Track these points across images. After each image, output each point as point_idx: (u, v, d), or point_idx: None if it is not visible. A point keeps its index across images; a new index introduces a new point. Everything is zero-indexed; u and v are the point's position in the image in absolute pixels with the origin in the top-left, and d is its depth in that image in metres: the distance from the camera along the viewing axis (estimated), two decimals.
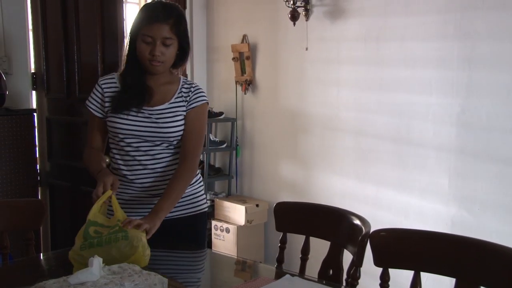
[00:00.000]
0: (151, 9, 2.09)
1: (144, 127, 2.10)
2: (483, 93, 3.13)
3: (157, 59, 2.05)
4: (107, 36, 3.25)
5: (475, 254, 1.56)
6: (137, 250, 1.74)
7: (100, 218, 1.81)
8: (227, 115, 4.67)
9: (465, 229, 3.09)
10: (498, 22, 3.08)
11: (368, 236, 1.73)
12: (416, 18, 3.37)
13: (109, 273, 1.41)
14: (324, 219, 1.97)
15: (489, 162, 3.11)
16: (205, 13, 4.84)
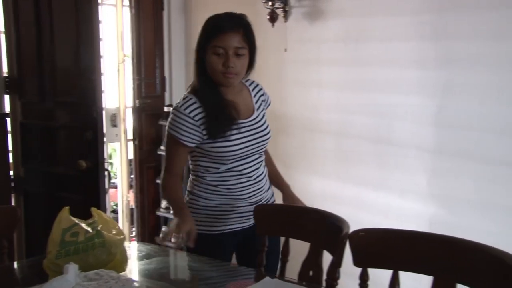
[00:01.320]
0: (219, 20, 2.08)
1: (251, 141, 2.16)
2: (460, 93, 3.17)
3: (231, 71, 2.03)
4: (82, 38, 3.22)
5: (452, 252, 1.59)
6: (115, 257, 1.74)
7: (72, 220, 1.78)
8: None
9: (444, 228, 3.10)
10: (474, 23, 3.12)
11: (347, 236, 1.74)
12: (394, 19, 3.40)
13: (85, 280, 1.40)
14: (304, 221, 1.99)
15: (466, 161, 3.15)
16: (183, 15, 4.82)
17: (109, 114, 4.59)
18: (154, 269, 1.91)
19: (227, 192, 2.18)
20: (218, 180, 2.18)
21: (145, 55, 4.61)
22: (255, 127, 2.18)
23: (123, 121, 4.68)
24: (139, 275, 1.85)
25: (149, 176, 4.77)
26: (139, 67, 4.58)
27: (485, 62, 3.10)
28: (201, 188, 2.24)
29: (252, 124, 2.18)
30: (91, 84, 3.17)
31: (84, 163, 3.20)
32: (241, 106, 2.18)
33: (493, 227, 3.04)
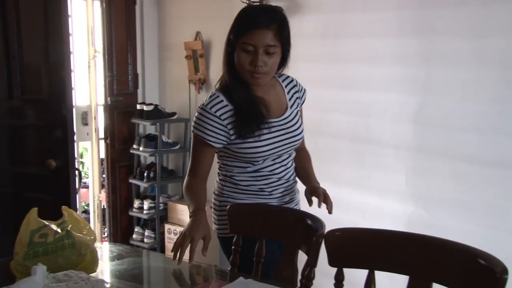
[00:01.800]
0: (251, 14, 1.95)
1: (281, 141, 2.08)
2: (440, 90, 3.21)
3: (259, 70, 1.92)
4: (51, 34, 3.18)
5: (429, 251, 1.61)
6: (86, 258, 1.74)
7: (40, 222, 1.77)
8: (180, 115, 4.66)
9: (422, 227, 3.17)
10: (455, 19, 3.16)
11: (323, 236, 1.75)
12: (374, 14, 3.42)
13: (53, 281, 1.39)
14: (279, 220, 1.99)
15: (445, 160, 3.19)
16: (156, 9, 4.81)
17: (80, 112, 4.55)
18: (126, 270, 1.90)
19: (259, 192, 2.13)
20: (248, 180, 2.13)
21: (117, 51, 4.58)
22: (286, 126, 2.10)
23: (95, 119, 4.65)
24: (110, 276, 1.84)
25: (122, 176, 4.75)
26: (110, 64, 4.55)
27: (465, 59, 3.14)
28: (230, 188, 2.19)
29: (283, 124, 2.10)
30: (61, 81, 3.13)
31: (53, 162, 3.16)
32: (273, 103, 2.09)
33: (470, 226, 3.09)
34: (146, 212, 4.62)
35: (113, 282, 1.77)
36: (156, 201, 4.59)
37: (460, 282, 1.52)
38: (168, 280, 1.98)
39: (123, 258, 2.03)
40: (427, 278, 1.58)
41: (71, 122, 3.19)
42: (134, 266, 1.96)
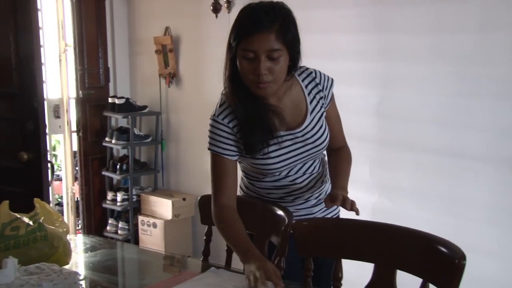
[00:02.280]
0: (248, 15, 1.66)
1: (298, 155, 1.83)
2: (400, 84, 3.25)
3: (263, 79, 1.63)
4: (20, 27, 3.11)
5: (392, 239, 1.63)
6: (58, 250, 1.71)
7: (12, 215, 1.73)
8: (151, 108, 4.63)
9: (386, 216, 3.19)
10: (412, 16, 3.20)
11: (291, 226, 1.76)
12: (336, 11, 3.44)
13: (25, 274, 1.37)
14: (248, 211, 1.98)
15: (405, 151, 3.24)
16: (126, 4, 4.75)
17: (52, 105, 4.49)
18: (99, 262, 1.88)
19: (280, 201, 1.93)
20: (268, 188, 1.92)
21: (88, 45, 4.52)
22: (304, 138, 1.81)
23: (67, 112, 4.59)
24: (83, 268, 1.82)
25: (95, 168, 4.70)
26: (81, 57, 4.49)
27: (422, 54, 3.18)
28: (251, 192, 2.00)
29: (301, 136, 1.81)
30: (31, 74, 3.08)
31: (25, 155, 3.11)
32: (288, 111, 1.80)
33: (430, 214, 3.14)
34: (119, 204, 4.58)
35: (87, 274, 1.75)
36: (129, 193, 4.55)
37: (422, 269, 1.54)
38: (141, 271, 1.96)
39: (97, 250, 2.01)
40: (391, 265, 1.59)
41: (43, 115, 3.14)
42: (108, 258, 1.93)
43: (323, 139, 1.84)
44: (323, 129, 1.85)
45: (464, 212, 3.14)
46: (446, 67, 3.11)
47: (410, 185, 3.21)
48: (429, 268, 1.52)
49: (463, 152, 3.11)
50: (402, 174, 3.23)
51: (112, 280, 1.73)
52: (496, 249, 3.06)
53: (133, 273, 1.95)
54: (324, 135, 1.85)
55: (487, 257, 3.06)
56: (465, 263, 1.43)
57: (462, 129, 3.10)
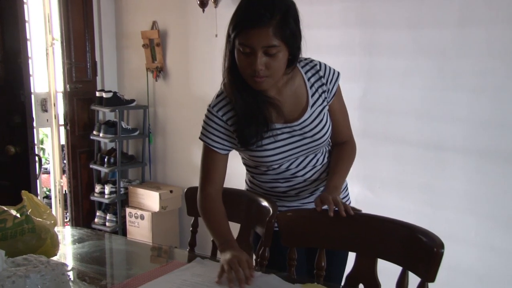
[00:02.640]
0: (248, 8, 1.56)
1: (296, 148, 1.77)
2: (382, 78, 3.27)
3: (260, 74, 1.57)
4: (6, 20, 3.07)
5: (374, 229, 1.64)
6: (46, 242, 1.70)
7: None
8: (139, 102, 4.61)
9: (368, 207, 3.23)
10: (394, 12, 3.21)
11: (275, 217, 1.76)
12: (321, 7, 3.45)
13: (12, 265, 1.36)
14: (234, 203, 1.99)
15: (387, 143, 3.26)
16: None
17: (39, 98, 4.45)
18: (87, 253, 1.87)
19: (284, 195, 1.89)
20: (271, 182, 1.87)
21: (75, 39, 4.48)
22: (302, 131, 1.75)
23: (54, 106, 4.55)
24: (71, 259, 1.82)
25: (82, 161, 4.68)
26: (69, 51, 4.46)
27: (404, 49, 3.20)
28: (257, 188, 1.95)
29: (299, 129, 1.74)
30: (18, 67, 3.04)
31: (12, 148, 3.09)
32: (288, 104, 1.73)
33: (410, 204, 3.17)
34: (107, 196, 4.56)
35: (74, 265, 1.75)
36: (117, 185, 4.54)
37: (402, 257, 1.56)
38: (129, 262, 1.96)
39: (84, 241, 2.00)
40: (373, 254, 1.61)
41: (30, 108, 3.11)
42: (95, 249, 1.93)
43: (322, 133, 1.76)
44: (324, 123, 1.77)
45: (443, 202, 3.16)
46: (426, 62, 3.13)
47: (390, 176, 3.23)
48: (408, 257, 1.54)
49: (442, 144, 3.14)
50: (383, 165, 3.25)
51: (99, 270, 1.73)
52: (473, 237, 3.09)
53: (121, 263, 1.94)
54: (324, 129, 1.77)
55: (465, 245, 3.10)
56: (443, 252, 1.44)
57: (441, 121, 3.13)
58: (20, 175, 3.11)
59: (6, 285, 1.27)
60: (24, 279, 1.30)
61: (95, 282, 1.59)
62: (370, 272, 1.59)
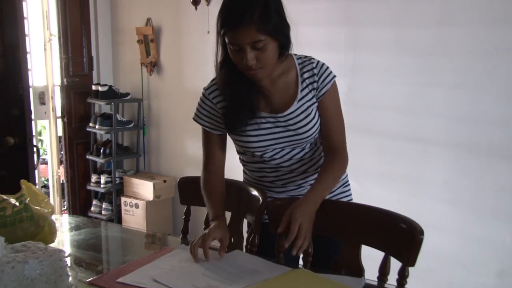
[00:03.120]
0: (228, 7, 1.54)
1: (279, 139, 1.72)
2: (366, 74, 3.28)
3: (252, 67, 1.55)
4: (5, 16, 3.05)
5: (358, 217, 1.65)
6: (44, 229, 1.69)
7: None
8: (134, 95, 4.59)
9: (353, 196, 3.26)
10: (378, 11, 3.22)
11: (265, 205, 1.76)
12: (308, 5, 3.44)
13: (12, 251, 1.35)
14: (226, 192, 1.98)
15: (371, 136, 3.27)
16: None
17: (37, 92, 4.41)
18: (83, 240, 1.86)
19: (271, 185, 1.86)
20: (258, 170, 1.85)
21: (72, 35, 4.46)
22: (286, 124, 1.69)
23: (52, 99, 4.51)
24: (68, 246, 1.81)
25: (79, 152, 4.66)
26: (66, 47, 4.43)
27: (387, 46, 3.21)
28: (248, 177, 1.93)
29: (284, 120, 1.69)
30: (16, 62, 3.03)
31: (11, 139, 3.07)
32: (277, 95, 1.70)
33: (393, 194, 3.18)
34: (103, 186, 4.55)
35: (71, 251, 1.74)
36: (112, 175, 4.52)
37: (384, 243, 1.56)
38: (124, 248, 1.96)
39: (81, 229, 1.99)
40: (357, 241, 1.61)
41: (28, 101, 3.11)
42: (91, 236, 1.92)
43: (306, 129, 1.70)
44: (309, 119, 1.70)
45: (423, 192, 3.18)
46: (408, 59, 3.14)
47: (374, 168, 3.24)
48: (391, 243, 1.54)
49: (423, 137, 3.15)
50: (367, 157, 3.26)
51: (96, 257, 1.72)
52: (450, 225, 3.12)
53: (116, 250, 1.94)
54: (309, 125, 1.70)
55: (443, 232, 3.12)
56: (423, 238, 1.45)
57: (422, 116, 3.14)
58: (19, 165, 3.10)
59: (5, 270, 1.26)
60: (23, 264, 1.29)
61: (91, 268, 1.58)
62: (354, 258, 1.60)
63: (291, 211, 1.57)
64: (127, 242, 2.00)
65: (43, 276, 1.30)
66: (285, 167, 1.79)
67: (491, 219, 3.02)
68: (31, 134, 3.12)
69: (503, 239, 3.00)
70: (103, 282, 1.46)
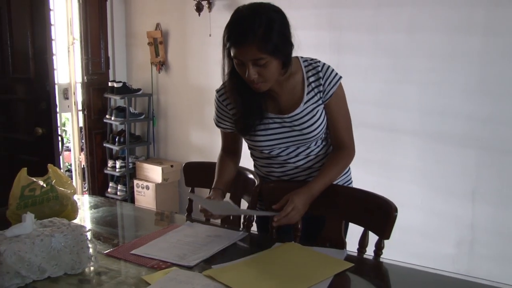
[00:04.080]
0: (235, 25, 1.44)
1: (286, 138, 1.62)
2: (348, 73, 3.25)
3: (254, 81, 1.46)
4: (36, 23, 3.05)
5: (340, 197, 1.64)
6: (67, 208, 1.69)
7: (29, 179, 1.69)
8: (144, 91, 4.56)
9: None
10: (358, 18, 3.20)
11: (260, 187, 1.76)
12: (297, 11, 3.42)
13: (40, 226, 1.35)
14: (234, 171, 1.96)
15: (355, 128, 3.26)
16: (123, 4, 4.64)
17: (62, 88, 4.38)
18: (101, 217, 1.86)
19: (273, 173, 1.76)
20: (267, 166, 1.75)
21: (91, 38, 4.43)
22: (292, 124, 1.60)
23: (74, 94, 4.48)
24: (88, 222, 1.80)
25: (97, 141, 4.64)
26: (86, 49, 4.41)
27: (365, 49, 3.20)
28: (258, 171, 1.83)
29: (290, 121, 1.59)
30: (44, 63, 3.04)
31: (40, 129, 3.08)
32: (285, 97, 1.59)
33: (371, 177, 3.19)
34: (118, 170, 4.53)
35: (91, 227, 1.74)
36: (126, 161, 4.50)
37: (363, 219, 1.57)
38: (136, 224, 1.95)
39: (99, 207, 1.99)
40: (339, 217, 1.61)
41: (54, 97, 3.11)
42: (108, 214, 1.92)
43: (311, 129, 1.60)
44: (315, 120, 1.59)
45: (397, 175, 3.20)
46: (383, 60, 3.14)
47: (360, 155, 3.23)
48: (369, 219, 1.55)
49: (397, 128, 3.16)
50: None
51: (112, 232, 1.72)
52: (419, 203, 3.14)
53: (130, 226, 1.94)
54: (314, 126, 1.59)
55: (413, 210, 3.14)
56: (397, 215, 1.46)
57: (395, 109, 3.14)
58: (46, 152, 3.09)
59: (36, 242, 1.26)
60: (50, 238, 1.29)
61: (108, 241, 1.58)
62: (337, 232, 1.60)
63: (291, 195, 1.53)
64: (139, 219, 2.00)
65: (67, 248, 1.30)
66: (291, 163, 1.68)
67: (452, 198, 3.04)
68: (56, 125, 3.13)
69: (461, 215, 3.03)
70: (118, 253, 1.46)
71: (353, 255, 1.47)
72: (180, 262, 1.37)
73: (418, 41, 3.03)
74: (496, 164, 2.91)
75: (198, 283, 1.23)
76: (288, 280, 1.26)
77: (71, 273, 1.30)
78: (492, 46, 2.82)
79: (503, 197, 2.91)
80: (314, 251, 1.45)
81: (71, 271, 1.30)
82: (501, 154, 2.89)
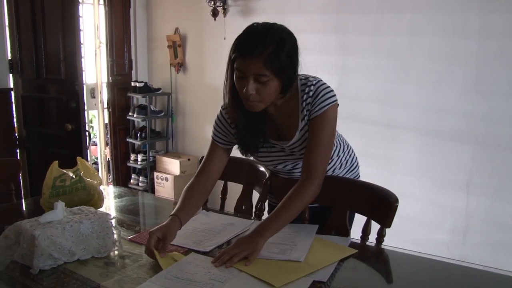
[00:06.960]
0: (246, 37, 1.31)
1: (285, 158, 1.54)
2: (352, 73, 3.24)
3: (250, 98, 1.31)
4: (66, 30, 3.08)
5: (345, 188, 1.63)
6: (94, 197, 1.70)
7: (60, 171, 1.71)
8: (164, 90, 4.57)
9: None
10: (361, 22, 3.17)
11: (270, 179, 1.75)
12: (305, 16, 3.41)
13: (70, 214, 1.36)
14: (238, 168, 1.97)
15: (356, 122, 3.25)
16: (145, 11, 4.65)
17: (89, 88, 4.41)
18: (124, 206, 1.86)
19: None
20: (273, 170, 1.66)
21: (116, 42, 4.45)
22: (291, 151, 1.50)
23: (100, 93, 4.51)
24: (113, 210, 1.81)
25: (121, 136, 4.66)
26: (111, 52, 4.42)
27: (368, 51, 3.17)
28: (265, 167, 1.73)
29: (288, 149, 1.50)
30: (74, 65, 3.08)
31: (70, 125, 3.10)
32: (283, 122, 1.45)
33: (373, 170, 3.17)
34: (140, 163, 4.55)
35: (115, 215, 1.74)
36: (147, 155, 4.52)
37: (366, 209, 1.55)
38: (156, 213, 1.96)
39: (123, 197, 1.99)
40: (344, 207, 1.60)
41: (82, 96, 3.13)
42: (131, 203, 1.92)
43: None
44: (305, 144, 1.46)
45: (397, 168, 3.17)
46: (385, 61, 3.11)
47: (357, 148, 3.19)
48: (371, 209, 1.53)
49: (397, 124, 3.13)
50: (351, 139, 3.21)
51: (134, 219, 1.72)
52: (418, 194, 3.11)
53: (150, 214, 1.94)
54: None
55: (412, 200, 3.11)
56: (398, 205, 1.44)
57: (396, 106, 3.12)
58: (75, 146, 3.12)
59: (66, 228, 1.27)
60: (79, 224, 1.29)
61: (131, 228, 1.59)
62: (342, 221, 1.59)
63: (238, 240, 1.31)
64: (159, 208, 2.00)
65: (94, 233, 1.31)
66: (297, 173, 1.59)
67: (448, 189, 3.01)
68: (84, 122, 3.15)
69: (456, 205, 3.00)
70: (140, 239, 1.46)
71: (356, 242, 1.46)
72: (197, 248, 1.37)
73: (417, 44, 3.00)
74: (490, 159, 2.87)
75: (212, 267, 1.23)
76: (297, 264, 1.25)
77: (98, 256, 1.31)
78: (487, 48, 2.78)
79: (495, 189, 2.88)
80: (321, 238, 1.44)
81: (97, 255, 1.31)
82: (494, 149, 2.85)
